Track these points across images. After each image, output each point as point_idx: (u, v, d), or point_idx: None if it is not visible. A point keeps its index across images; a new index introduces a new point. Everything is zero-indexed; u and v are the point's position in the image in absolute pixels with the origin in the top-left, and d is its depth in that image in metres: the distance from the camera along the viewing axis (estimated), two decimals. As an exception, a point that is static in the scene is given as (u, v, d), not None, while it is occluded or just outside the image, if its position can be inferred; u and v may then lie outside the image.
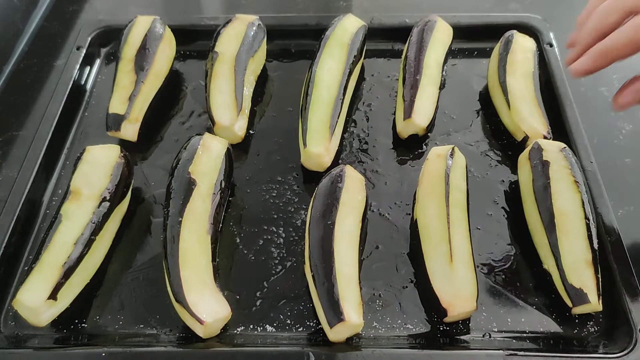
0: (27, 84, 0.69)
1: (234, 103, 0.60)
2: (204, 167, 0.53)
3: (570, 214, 0.50)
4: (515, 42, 0.65)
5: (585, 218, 0.50)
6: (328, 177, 0.53)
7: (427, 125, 0.61)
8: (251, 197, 0.58)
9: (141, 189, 0.59)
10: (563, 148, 0.55)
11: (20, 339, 0.48)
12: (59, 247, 0.48)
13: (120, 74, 0.63)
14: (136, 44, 0.64)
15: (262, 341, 0.48)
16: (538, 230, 0.51)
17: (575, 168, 0.53)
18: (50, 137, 0.60)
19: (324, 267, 0.47)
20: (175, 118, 0.65)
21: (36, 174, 0.57)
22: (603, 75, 0.69)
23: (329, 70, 0.62)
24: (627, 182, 0.59)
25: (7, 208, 0.54)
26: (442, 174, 0.52)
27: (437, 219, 0.50)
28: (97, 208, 0.50)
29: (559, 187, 0.51)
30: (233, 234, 0.55)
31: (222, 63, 0.62)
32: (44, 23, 0.77)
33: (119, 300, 0.51)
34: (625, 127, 0.64)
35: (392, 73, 0.70)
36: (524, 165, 0.56)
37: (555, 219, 0.50)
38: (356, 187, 0.53)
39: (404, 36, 0.69)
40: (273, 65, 0.71)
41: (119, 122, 0.59)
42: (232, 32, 0.65)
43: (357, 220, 0.51)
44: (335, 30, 0.65)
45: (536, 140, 0.56)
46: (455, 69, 0.70)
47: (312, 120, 0.58)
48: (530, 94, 0.61)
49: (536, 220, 0.52)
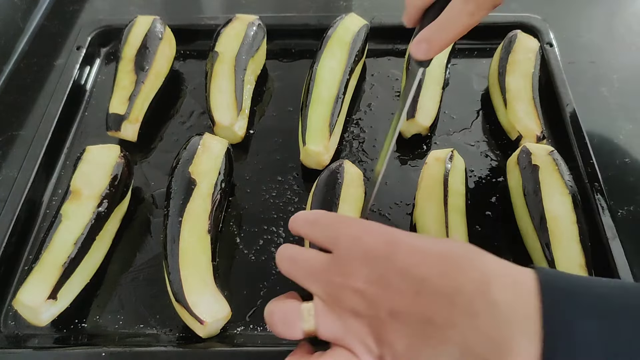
0: (27, 83, 0.69)
1: (234, 103, 0.60)
2: (204, 167, 0.53)
3: (561, 218, 0.50)
4: (518, 42, 0.65)
5: (577, 222, 0.50)
6: (327, 172, 0.53)
7: (430, 125, 0.61)
8: (251, 197, 0.58)
9: (141, 188, 0.59)
10: (551, 151, 0.54)
11: (20, 339, 0.48)
12: (59, 247, 0.48)
13: (120, 74, 0.63)
14: (136, 44, 0.64)
15: (262, 341, 0.48)
16: (530, 234, 0.51)
17: (565, 171, 0.53)
18: (50, 137, 0.60)
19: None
20: (175, 118, 0.65)
21: (36, 174, 0.57)
22: (603, 75, 0.69)
23: (330, 69, 0.62)
24: (627, 182, 0.59)
25: (7, 208, 0.54)
26: (440, 178, 0.52)
27: (436, 223, 0.50)
28: (97, 208, 0.50)
29: (549, 190, 0.51)
30: (233, 234, 0.55)
31: (222, 63, 0.62)
32: (44, 22, 0.77)
33: (119, 300, 0.51)
34: (625, 127, 0.64)
35: (392, 72, 0.70)
36: (512, 169, 0.56)
37: (547, 223, 0.49)
38: (355, 183, 0.53)
39: (405, 36, 0.69)
40: (273, 65, 0.71)
41: (119, 122, 0.59)
42: (232, 32, 0.65)
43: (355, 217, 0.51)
44: (337, 29, 0.65)
45: (524, 144, 0.56)
46: (455, 69, 0.70)
47: (311, 118, 0.58)
48: (528, 94, 0.61)
49: (528, 224, 0.51)
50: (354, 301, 0.33)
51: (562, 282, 0.31)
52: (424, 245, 0.34)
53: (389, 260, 0.33)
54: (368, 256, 0.34)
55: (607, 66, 0.70)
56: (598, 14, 0.78)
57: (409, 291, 0.32)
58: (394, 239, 0.34)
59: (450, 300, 0.31)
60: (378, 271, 0.33)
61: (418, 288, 0.32)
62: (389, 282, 0.32)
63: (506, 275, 0.32)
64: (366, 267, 0.33)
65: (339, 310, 0.34)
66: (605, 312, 0.29)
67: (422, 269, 0.32)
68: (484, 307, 0.30)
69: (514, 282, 0.31)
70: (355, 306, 0.33)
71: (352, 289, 0.33)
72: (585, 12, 0.78)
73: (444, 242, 0.35)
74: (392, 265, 0.33)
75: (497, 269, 0.33)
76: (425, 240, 0.35)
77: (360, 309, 0.33)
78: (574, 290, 0.30)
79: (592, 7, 0.78)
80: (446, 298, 0.31)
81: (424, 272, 0.32)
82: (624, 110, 0.65)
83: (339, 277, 0.33)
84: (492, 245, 0.54)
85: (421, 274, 0.32)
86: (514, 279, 0.32)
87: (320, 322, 0.34)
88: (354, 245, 0.34)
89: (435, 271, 0.32)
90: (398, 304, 0.32)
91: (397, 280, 0.32)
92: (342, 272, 0.33)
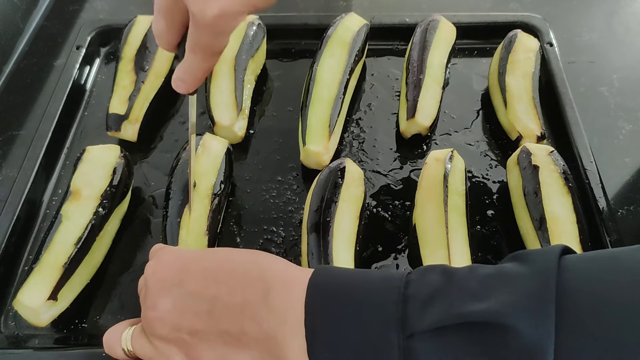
0: (27, 83, 0.69)
1: (234, 103, 0.60)
2: (204, 167, 0.53)
3: (561, 218, 0.50)
4: (518, 42, 0.65)
5: (577, 222, 0.50)
6: (327, 170, 0.53)
7: (430, 125, 0.61)
8: (251, 197, 0.58)
9: (141, 189, 0.59)
10: (551, 151, 0.54)
11: (20, 339, 0.49)
12: (59, 247, 0.48)
13: (120, 73, 0.63)
14: (136, 43, 0.64)
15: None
16: (530, 234, 0.51)
17: (565, 171, 0.53)
18: (50, 137, 0.60)
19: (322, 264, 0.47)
20: (175, 118, 0.65)
21: (36, 174, 0.57)
22: (603, 75, 0.69)
23: (330, 68, 0.62)
24: (627, 182, 0.59)
25: (7, 208, 0.54)
26: (440, 179, 0.52)
27: (436, 224, 0.50)
28: (97, 208, 0.50)
29: (549, 191, 0.51)
30: (233, 234, 0.55)
31: (222, 63, 0.62)
32: (44, 22, 0.77)
33: (119, 300, 0.51)
34: (625, 127, 0.64)
35: (392, 72, 0.69)
36: (512, 169, 0.56)
37: (547, 223, 0.49)
38: (355, 182, 0.53)
39: (404, 35, 0.69)
40: (273, 64, 0.71)
41: (119, 122, 0.59)
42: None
43: (355, 216, 0.51)
44: (337, 28, 0.65)
45: (524, 144, 0.56)
46: (455, 69, 0.70)
47: (311, 118, 0.58)
48: (528, 94, 0.61)
49: (528, 224, 0.52)
50: (159, 329, 0.37)
51: (328, 279, 0.35)
52: (213, 266, 0.38)
53: (181, 287, 0.37)
54: (164, 287, 0.38)
55: (607, 66, 0.70)
56: (598, 14, 0.77)
57: (203, 311, 0.36)
58: (184, 266, 0.38)
59: (239, 312, 0.35)
60: (173, 299, 0.37)
61: (210, 307, 0.36)
62: (185, 307, 0.36)
63: (286, 280, 0.36)
64: (164, 297, 0.37)
65: (150, 336, 0.38)
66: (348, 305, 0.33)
67: (211, 290, 0.36)
68: (266, 313, 0.34)
69: (292, 285, 0.35)
70: (161, 333, 0.37)
71: (156, 318, 0.37)
72: (585, 12, 0.78)
73: (232, 258, 0.39)
74: (185, 291, 0.37)
75: (279, 275, 0.36)
76: (215, 260, 0.39)
77: (165, 334, 0.37)
78: (332, 289, 0.34)
79: (592, 7, 0.78)
80: (236, 311, 0.35)
81: (214, 291, 0.36)
82: (624, 110, 0.65)
83: (147, 310, 0.38)
84: (492, 245, 0.54)
85: (212, 294, 0.36)
86: (292, 282, 0.35)
87: (134, 345, 0.40)
88: (152, 279, 0.38)
89: (224, 289, 0.36)
90: (196, 325, 0.36)
91: (191, 304, 0.36)
92: (148, 306, 0.38)
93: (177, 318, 0.36)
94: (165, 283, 0.38)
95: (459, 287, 0.32)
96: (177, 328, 0.36)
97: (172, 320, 0.37)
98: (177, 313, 0.36)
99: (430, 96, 0.61)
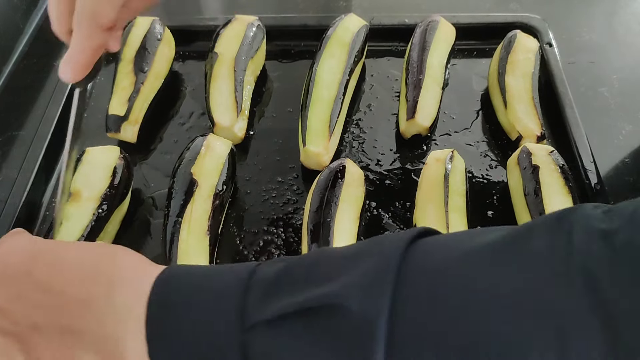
0: (27, 83, 0.69)
1: (233, 104, 0.60)
2: (206, 168, 0.53)
3: None
4: (518, 42, 0.65)
5: None
6: (327, 171, 0.53)
7: (430, 126, 0.61)
8: (251, 198, 0.58)
9: (141, 190, 0.59)
10: (551, 151, 0.54)
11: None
12: (59, 248, 0.47)
13: (119, 75, 0.63)
14: (136, 45, 0.64)
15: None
16: None
17: (565, 171, 0.53)
18: (50, 137, 0.60)
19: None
20: (174, 119, 0.65)
21: (36, 175, 0.57)
22: (603, 75, 0.69)
23: (330, 69, 0.62)
24: (627, 182, 0.59)
25: (6, 209, 0.54)
26: (440, 179, 0.52)
27: (436, 224, 0.50)
28: (97, 209, 0.50)
29: (549, 191, 0.51)
30: (233, 235, 0.55)
31: (221, 64, 0.62)
32: (44, 23, 0.76)
33: (119, 301, 0.51)
34: (625, 127, 0.64)
35: (392, 73, 0.69)
36: (513, 169, 0.56)
37: None
38: (355, 183, 0.53)
39: (404, 36, 0.69)
40: (273, 65, 0.71)
41: (119, 124, 0.59)
42: (232, 32, 0.65)
43: (355, 217, 0.51)
44: (336, 29, 0.65)
45: (524, 144, 0.56)
46: (454, 69, 0.70)
47: (311, 119, 0.58)
48: (528, 94, 0.61)
49: None
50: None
51: (178, 275, 0.33)
52: (67, 255, 0.35)
53: (29, 276, 0.34)
54: (8, 274, 0.34)
55: (607, 66, 0.70)
56: (598, 14, 0.77)
57: (47, 304, 0.33)
58: (37, 253, 0.35)
59: (84, 308, 0.32)
60: (17, 289, 0.33)
61: (55, 300, 0.33)
62: (28, 298, 0.33)
63: (134, 277, 0.33)
64: (6, 286, 0.34)
65: None
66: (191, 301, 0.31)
67: (59, 282, 0.33)
68: (108, 310, 0.32)
69: (139, 282, 0.32)
70: (0, 325, 0.33)
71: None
72: (585, 12, 0.78)
73: (87, 250, 0.36)
74: (31, 280, 0.33)
75: (127, 272, 0.33)
76: (68, 251, 0.35)
77: (5, 327, 0.33)
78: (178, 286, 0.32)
79: (592, 7, 0.78)
80: (81, 306, 0.32)
81: (61, 284, 0.33)
82: (624, 110, 0.65)
83: None
84: (492, 245, 0.54)
85: (59, 286, 0.33)
86: (140, 279, 0.33)
87: None
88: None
89: (72, 282, 0.33)
90: (38, 318, 0.33)
91: (36, 295, 0.33)
92: None
93: (19, 310, 0.33)
94: (9, 271, 0.34)
95: (306, 272, 0.30)
96: (18, 321, 0.33)
97: (13, 312, 0.33)
98: (19, 304, 0.33)
99: (430, 96, 0.61)
